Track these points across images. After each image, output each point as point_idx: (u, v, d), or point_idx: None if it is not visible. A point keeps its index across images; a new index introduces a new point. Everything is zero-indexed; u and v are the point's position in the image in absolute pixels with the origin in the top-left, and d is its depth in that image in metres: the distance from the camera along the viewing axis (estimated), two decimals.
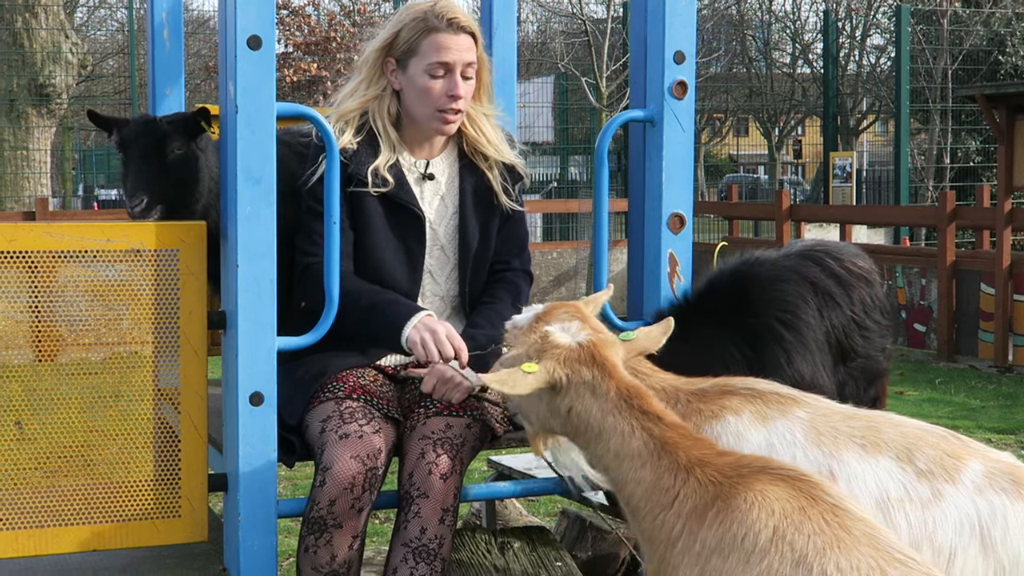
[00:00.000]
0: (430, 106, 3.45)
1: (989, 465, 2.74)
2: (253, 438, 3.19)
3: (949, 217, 10.74)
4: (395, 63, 3.48)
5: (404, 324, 3.32)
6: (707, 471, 2.55)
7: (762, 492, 2.46)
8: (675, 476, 2.59)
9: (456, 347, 3.29)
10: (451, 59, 3.43)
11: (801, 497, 2.45)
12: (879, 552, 2.36)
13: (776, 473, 2.51)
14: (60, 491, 3.15)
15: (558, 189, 19.11)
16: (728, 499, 2.48)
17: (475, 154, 3.59)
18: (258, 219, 3.16)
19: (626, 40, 14.84)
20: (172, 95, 4.44)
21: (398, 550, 3.18)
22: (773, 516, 2.42)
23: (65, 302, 3.17)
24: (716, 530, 2.47)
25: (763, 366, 3.32)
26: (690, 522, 2.52)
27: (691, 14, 3.58)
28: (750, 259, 3.57)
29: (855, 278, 3.56)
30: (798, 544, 2.37)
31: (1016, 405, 8.82)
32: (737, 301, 3.47)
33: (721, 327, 3.43)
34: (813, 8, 31.03)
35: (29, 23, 14.43)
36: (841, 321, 3.50)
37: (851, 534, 2.38)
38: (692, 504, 2.54)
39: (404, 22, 3.47)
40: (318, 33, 18.04)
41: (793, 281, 3.48)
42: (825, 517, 2.41)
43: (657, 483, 2.61)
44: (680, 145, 3.60)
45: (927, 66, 18.87)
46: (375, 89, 3.51)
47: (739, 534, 2.43)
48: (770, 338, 3.40)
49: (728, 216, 14.85)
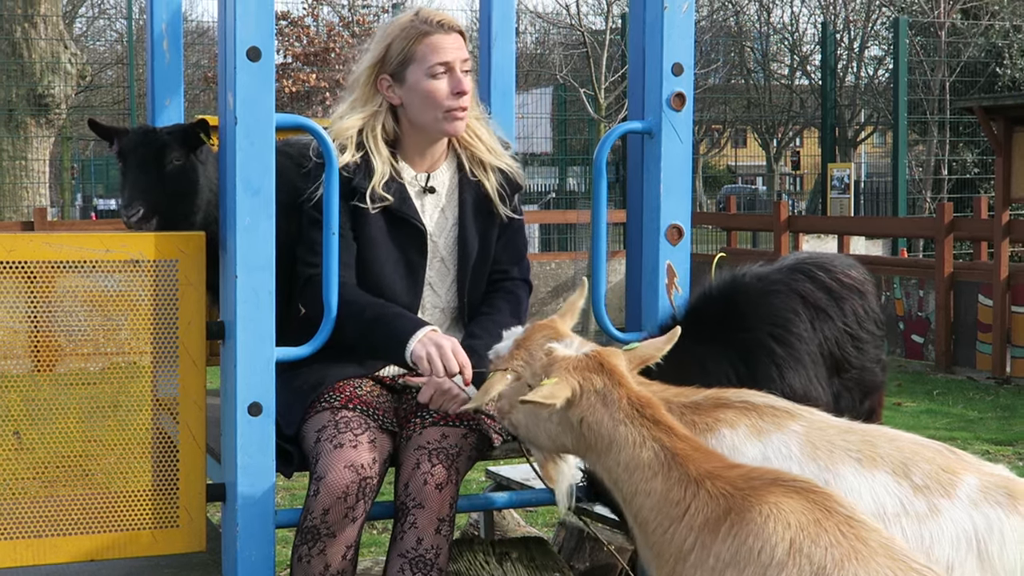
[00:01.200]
0: (438, 108, 3.46)
1: (984, 479, 2.74)
2: (251, 448, 3.19)
3: (947, 228, 10.75)
4: (390, 78, 3.49)
5: (409, 338, 3.31)
6: (718, 484, 2.53)
7: (777, 504, 2.44)
8: (685, 489, 2.56)
9: (461, 363, 3.29)
10: (450, 58, 3.45)
11: (816, 509, 2.43)
12: (896, 562, 2.35)
13: (789, 485, 2.49)
14: (58, 501, 3.15)
15: (556, 200, 19.11)
16: (742, 512, 2.46)
17: (473, 161, 3.60)
18: (257, 230, 3.16)
19: (624, 52, 14.86)
20: (171, 106, 4.45)
21: (395, 561, 3.19)
22: (789, 529, 2.40)
23: (64, 312, 3.17)
24: (731, 544, 2.44)
25: (755, 381, 3.31)
26: (703, 535, 2.49)
27: (689, 26, 3.59)
28: (740, 274, 3.56)
29: (847, 289, 3.56)
30: (816, 557, 2.35)
31: (1014, 417, 8.82)
32: (728, 316, 3.47)
33: (712, 343, 3.42)
34: (811, 20, 31.07)
35: (28, 33, 14.45)
36: (834, 333, 3.49)
37: (868, 545, 2.37)
38: (704, 517, 2.51)
39: (392, 35, 3.48)
40: (317, 44, 18.08)
41: (783, 295, 3.47)
42: (841, 529, 2.39)
43: (667, 495, 2.58)
44: (678, 156, 3.60)
45: (925, 78, 18.90)
46: (371, 107, 3.52)
47: (755, 547, 2.41)
48: (761, 353, 3.40)
49: (726, 227, 14.86)
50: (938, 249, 10.87)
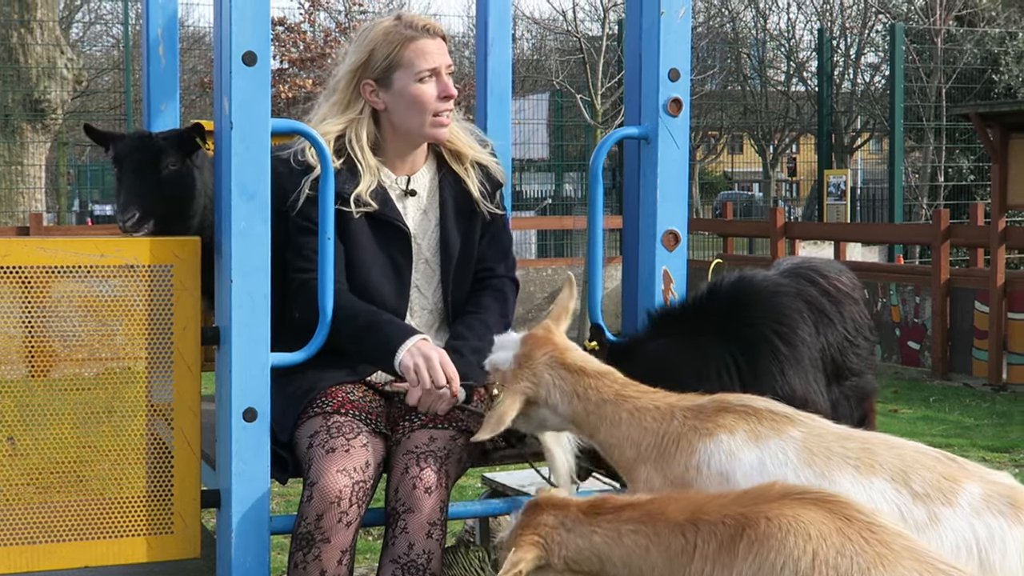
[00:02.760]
0: (425, 113, 3.46)
1: (987, 488, 2.71)
2: (246, 454, 3.18)
3: (943, 235, 10.75)
4: (374, 83, 3.48)
5: (398, 347, 3.31)
6: (711, 512, 2.50)
7: (795, 517, 2.40)
8: (682, 534, 2.52)
9: (449, 375, 3.29)
10: (437, 63, 3.45)
11: (836, 518, 2.40)
12: (923, 564, 2.33)
13: (802, 497, 2.46)
14: (52, 507, 3.14)
15: (553, 206, 19.14)
16: (758, 527, 2.42)
17: (452, 157, 3.59)
18: (252, 234, 3.15)
19: (621, 57, 14.85)
20: (167, 111, 4.45)
21: (387, 567, 3.18)
22: (811, 540, 2.36)
23: (59, 317, 3.16)
24: (752, 561, 2.40)
25: (755, 376, 3.31)
26: (720, 559, 2.45)
27: (686, 31, 3.58)
28: (747, 275, 3.56)
29: (843, 296, 3.56)
30: (842, 567, 2.32)
31: (1010, 424, 8.81)
32: (735, 311, 3.47)
33: (717, 334, 3.42)
34: (808, 27, 31.12)
35: (24, 38, 14.43)
36: (836, 339, 3.50)
37: (892, 550, 2.34)
38: (716, 543, 2.46)
39: (376, 40, 3.47)
40: (313, 49, 18.08)
41: (790, 296, 3.47)
42: (863, 535, 2.37)
43: (668, 553, 2.53)
44: (675, 162, 3.59)
45: (921, 84, 18.91)
46: (352, 112, 3.50)
47: (777, 563, 2.37)
48: (765, 349, 3.39)
49: (723, 233, 14.86)
50: (934, 256, 10.87)
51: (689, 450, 2.87)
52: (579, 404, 3.02)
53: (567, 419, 3.05)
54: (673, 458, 2.89)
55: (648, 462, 2.93)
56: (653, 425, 2.94)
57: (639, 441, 2.94)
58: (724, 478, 2.81)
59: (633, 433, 2.95)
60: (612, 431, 2.98)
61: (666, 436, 2.91)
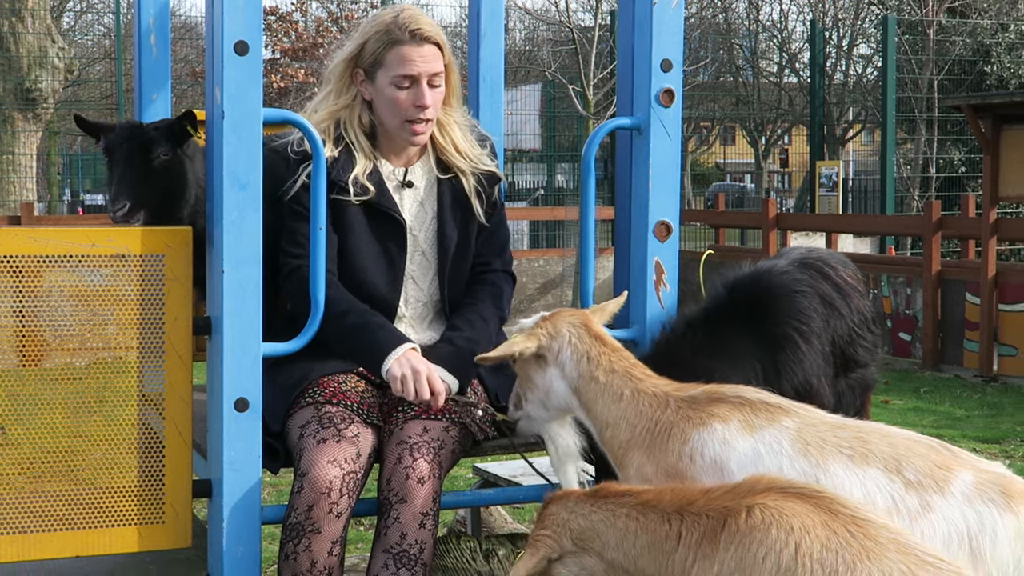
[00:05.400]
0: (399, 117, 3.45)
1: (979, 476, 2.73)
2: (238, 444, 3.18)
3: (935, 227, 10.76)
4: (363, 74, 3.48)
5: (388, 354, 3.32)
6: (698, 504, 2.53)
7: (778, 510, 2.42)
8: (668, 522, 2.56)
9: (435, 391, 3.31)
10: (416, 71, 3.42)
11: (821, 512, 2.41)
12: (909, 557, 2.34)
13: (787, 490, 2.48)
14: (43, 496, 3.14)
15: (545, 197, 19.12)
16: (740, 519, 2.44)
17: (447, 163, 3.59)
18: (244, 224, 3.15)
19: (613, 48, 14.86)
20: (158, 100, 4.43)
21: (379, 556, 3.18)
22: (793, 533, 2.38)
23: (50, 307, 3.16)
24: (734, 551, 2.42)
25: (778, 374, 3.34)
26: (702, 548, 2.47)
27: (678, 22, 3.58)
28: (763, 270, 3.55)
29: (851, 288, 3.57)
30: (827, 561, 2.33)
31: (1000, 415, 8.83)
32: (759, 311, 3.47)
33: (744, 337, 3.43)
34: (800, 18, 31.07)
35: (15, 27, 14.40)
36: (845, 332, 3.51)
37: (878, 543, 2.35)
38: (699, 533, 2.49)
39: (369, 33, 3.47)
40: (305, 39, 18.07)
41: (809, 294, 3.48)
42: (849, 529, 2.38)
43: (654, 539, 2.57)
44: (667, 153, 3.59)
45: (913, 76, 18.92)
46: (345, 99, 3.51)
47: (759, 554, 2.39)
48: (789, 347, 3.41)
49: (715, 224, 14.87)
50: (926, 247, 10.89)
51: (683, 438, 2.89)
52: (587, 368, 3.07)
53: (571, 385, 3.09)
54: (666, 446, 2.91)
55: (640, 448, 2.95)
56: (648, 411, 2.97)
57: (635, 423, 2.97)
58: (718, 467, 2.83)
59: (630, 413, 2.99)
60: (611, 406, 3.02)
61: (659, 423, 2.94)
